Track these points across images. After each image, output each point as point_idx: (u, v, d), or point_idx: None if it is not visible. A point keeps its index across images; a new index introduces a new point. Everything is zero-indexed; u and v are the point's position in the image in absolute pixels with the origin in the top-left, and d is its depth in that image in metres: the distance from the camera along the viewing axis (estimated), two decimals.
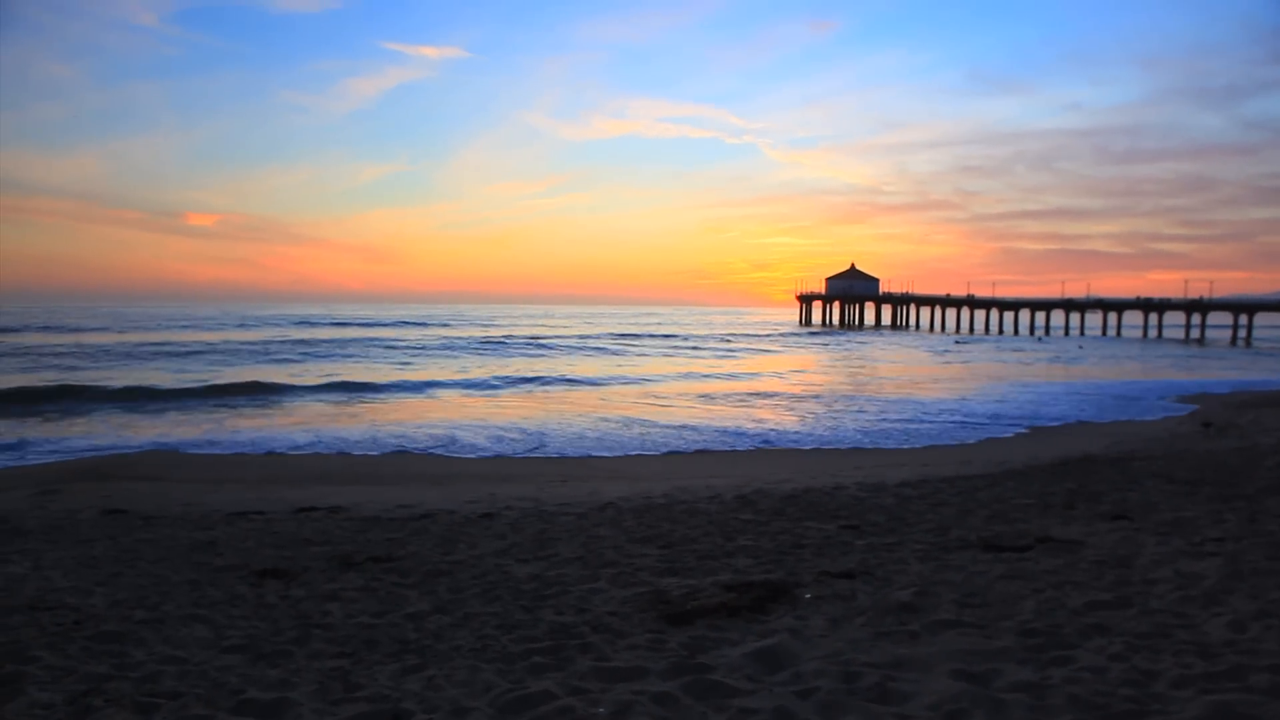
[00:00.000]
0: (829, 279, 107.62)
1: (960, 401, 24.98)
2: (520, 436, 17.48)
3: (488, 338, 62.30)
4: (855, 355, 51.18)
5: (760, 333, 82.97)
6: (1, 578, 6.42)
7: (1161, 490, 9.81)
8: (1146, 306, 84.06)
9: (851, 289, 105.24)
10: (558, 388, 29.11)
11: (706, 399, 25.85)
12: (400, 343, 54.64)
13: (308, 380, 29.64)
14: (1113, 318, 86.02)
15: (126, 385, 26.70)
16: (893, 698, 3.99)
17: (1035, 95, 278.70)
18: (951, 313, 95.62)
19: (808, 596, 5.68)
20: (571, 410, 22.42)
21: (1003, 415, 21.81)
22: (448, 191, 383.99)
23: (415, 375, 33.19)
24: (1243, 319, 77.50)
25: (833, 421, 20.30)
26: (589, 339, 64.29)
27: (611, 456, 15.43)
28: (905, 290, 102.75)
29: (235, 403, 23.76)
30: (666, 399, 25.50)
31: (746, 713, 3.87)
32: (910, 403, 24.52)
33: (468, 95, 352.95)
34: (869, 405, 23.91)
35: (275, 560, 7.03)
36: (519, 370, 35.32)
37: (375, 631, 5.17)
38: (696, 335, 74.75)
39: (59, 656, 4.69)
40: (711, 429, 18.78)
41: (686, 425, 19.20)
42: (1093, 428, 19.44)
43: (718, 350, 54.97)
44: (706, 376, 34.33)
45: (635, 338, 68.87)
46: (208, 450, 15.55)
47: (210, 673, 4.49)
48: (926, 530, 7.90)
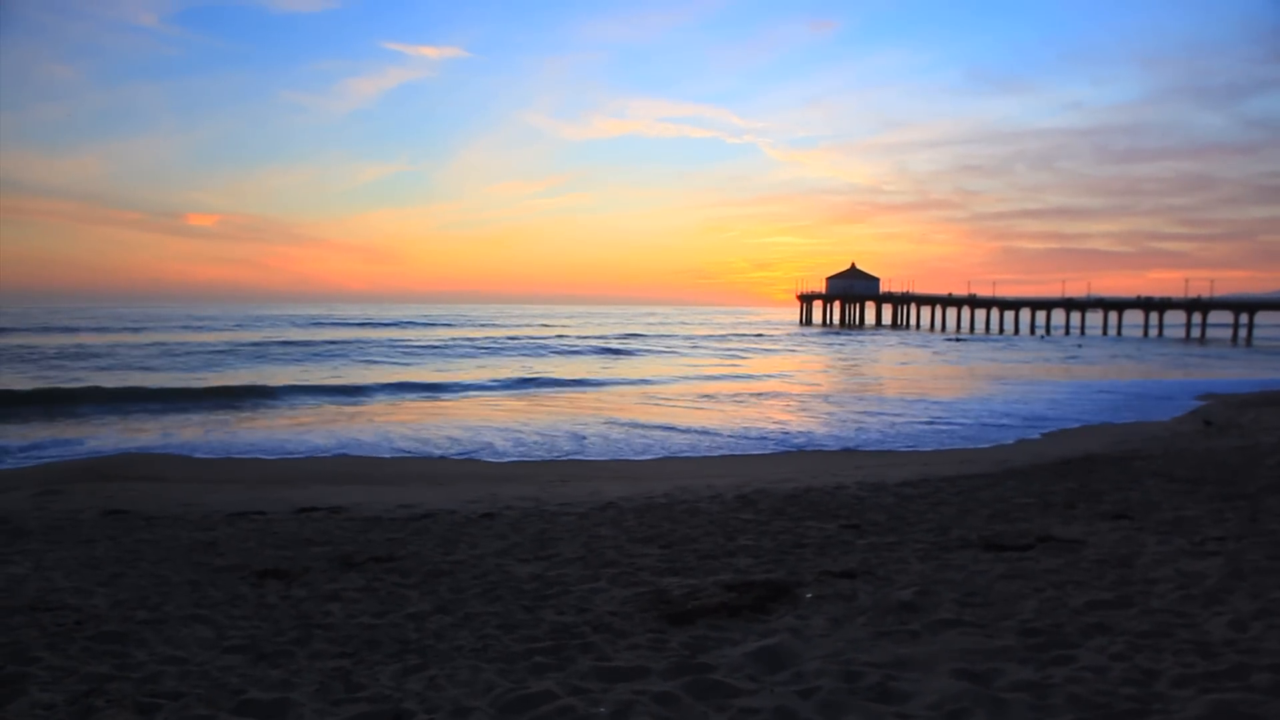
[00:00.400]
0: (829, 278, 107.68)
1: (982, 402, 24.30)
2: (539, 439, 17.38)
3: (490, 338, 62.26)
4: (861, 355, 51.01)
5: (764, 332, 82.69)
6: (3, 578, 6.42)
7: (1163, 489, 9.81)
8: (1147, 306, 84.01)
9: (852, 288, 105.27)
10: (566, 390, 28.83)
11: (717, 399, 25.71)
12: (402, 343, 54.61)
13: (308, 380, 29.66)
14: (1113, 317, 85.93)
15: (127, 386, 26.70)
16: (894, 697, 3.99)
17: (1035, 94, 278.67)
18: (952, 312, 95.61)
19: (809, 596, 5.68)
20: (578, 413, 22.35)
21: (1031, 416, 20.97)
22: (448, 192, 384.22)
23: (417, 376, 33.18)
24: (1243, 318, 77.51)
25: (857, 423, 19.60)
26: (589, 339, 64.19)
27: (617, 460, 15.41)
28: (905, 290, 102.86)
29: (235, 404, 23.74)
30: (684, 402, 24.98)
31: (748, 712, 3.87)
32: (927, 403, 23.91)
33: (468, 95, 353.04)
34: (888, 407, 23.16)
35: (276, 560, 7.04)
36: (533, 372, 35.06)
37: (376, 631, 5.17)
38: (700, 336, 74.55)
39: (60, 657, 4.69)
40: (728, 433, 18.25)
41: (706, 430, 18.72)
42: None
43: (723, 351, 54.67)
44: (716, 378, 34.09)
45: (639, 337, 68.69)
46: (207, 451, 15.55)
47: (211, 673, 4.49)
48: (927, 530, 7.91)
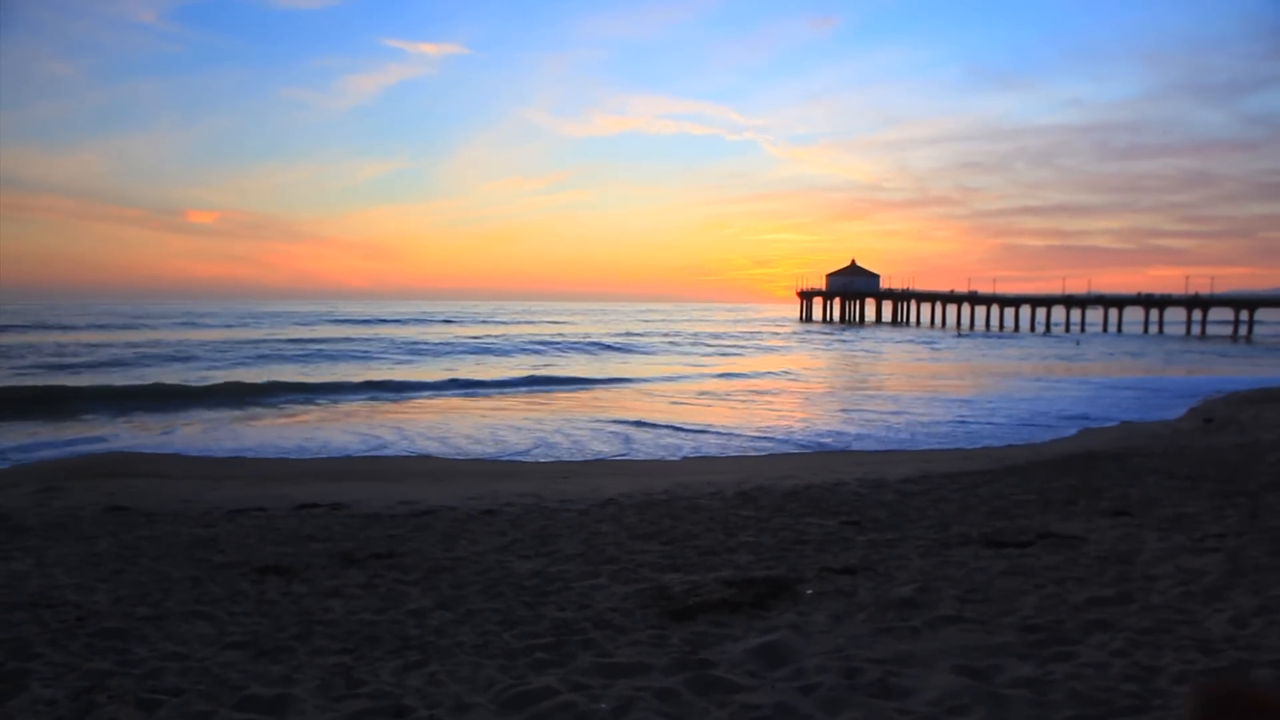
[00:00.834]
0: (829, 275, 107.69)
1: (1006, 399, 23.72)
2: (540, 437, 17.40)
3: (489, 335, 62.19)
4: (866, 352, 50.70)
5: (764, 329, 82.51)
6: (4, 575, 6.43)
7: (1163, 486, 9.82)
8: (1147, 302, 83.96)
9: (852, 285, 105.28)
10: (568, 389, 28.53)
11: (718, 396, 25.66)
12: (402, 341, 54.56)
13: (307, 379, 29.63)
14: (1113, 314, 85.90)
15: (127, 384, 26.69)
16: (894, 693, 4.00)
17: (1036, 91, 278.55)
18: (952, 309, 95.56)
19: (809, 592, 5.69)
20: (579, 411, 22.32)
21: (1064, 415, 20.11)
22: (449, 188, 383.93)
23: (417, 375, 33.17)
24: (1244, 314, 77.50)
25: (883, 423, 18.83)
26: (590, 336, 64.10)
27: (618, 457, 15.40)
28: (906, 286, 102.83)
29: (235, 402, 23.69)
30: (686, 400, 24.72)
31: (748, 708, 3.88)
32: (947, 401, 23.42)
33: (468, 92, 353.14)
34: (911, 406, 22.33)
35: (277, 557, 7.04)
36: (534, 369, 34.84)
37: (377, 628, 5.18)
38: (701, 333, 74.34)
39: (62, 653, 4.70)
40: (735, 431, 17.77)
41: (708, 428, 18.34)
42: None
43: (724, 348, 54.38)
44: (719, 375, 33.96)
45: (640, 335, 68.32)
46: (209, 448, 15.55)
47: (212, 669, 4.49)
48: (928, 526, 7.91)
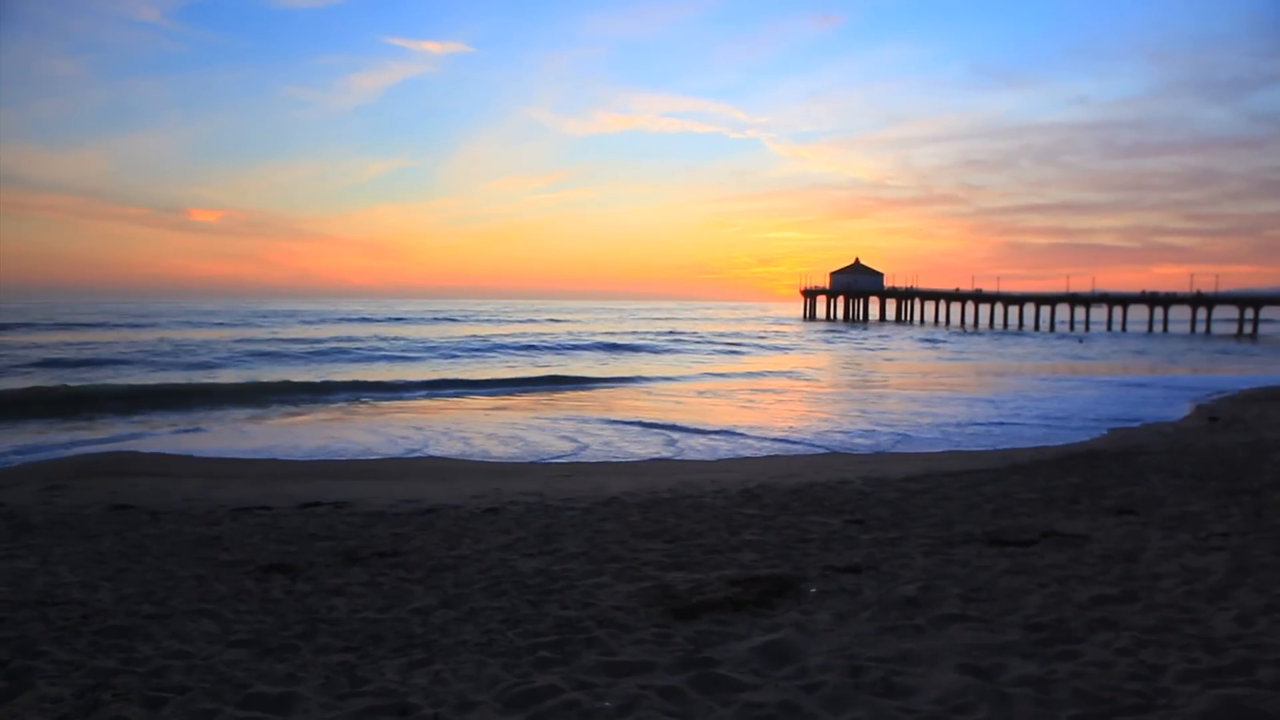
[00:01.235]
0: (833, 273, 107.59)
1: (1028, 399, 23.32)
2: (543, 436, 17.43)
3: (493, 335, 62.15)
4: (874, 350, 50.36)
5: (769, 329, 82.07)
6: (9, 573, 6.45)
7: (1167, 485, 9.80)
8: (1152, 301, 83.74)
9: (855, 283, 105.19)
10: (573, 389, 28.20)
11: (727, 396, 25.61)
12: (405, 340, 54.55)
13: (311, 377, 29.68)
14: (1118, 312, 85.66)
15: (131, 383, 26.74)
16: (898, 692, 4.00)
17: (1040, 89, 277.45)
18: (956, 307, 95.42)
19: (813, 591, 5.68)
20: (584, 410, 22.32)
21: (1093, 416, 19.57)
22: (452, 187, 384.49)
23: (419, 374, 33.18)
24: (1249, 313, 77.29)
25: (909, 424, 18.34)
26: (594, 335, 63.89)
27: (622, 457, 15.39)
28: (909, 285, 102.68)
29: (243, 401, 23.71)
30: (692, 400, 24.45)
31: (753, 707, 3.88)
32: (963, 401, 23.01)
33: (471, 90, 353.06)
34: (932, 406, 21.78)
35: (281, 555, 7.06)
36: (539, 369, 34.68)
37: (381, 626, 5.18)
38: (705, 331, 73.93)
39: (67, 651, 4.71)
40: (748, 432, 17.32)
41: (715, 429, 17.91)
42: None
43: (728, 347, 54.07)
44: (723, 375, 33.79)
45: (643, 334, 67.57)
46: (212, 447, 15.58)
47: (217, 667, 4.50)
48: (931, 525, 7.90)
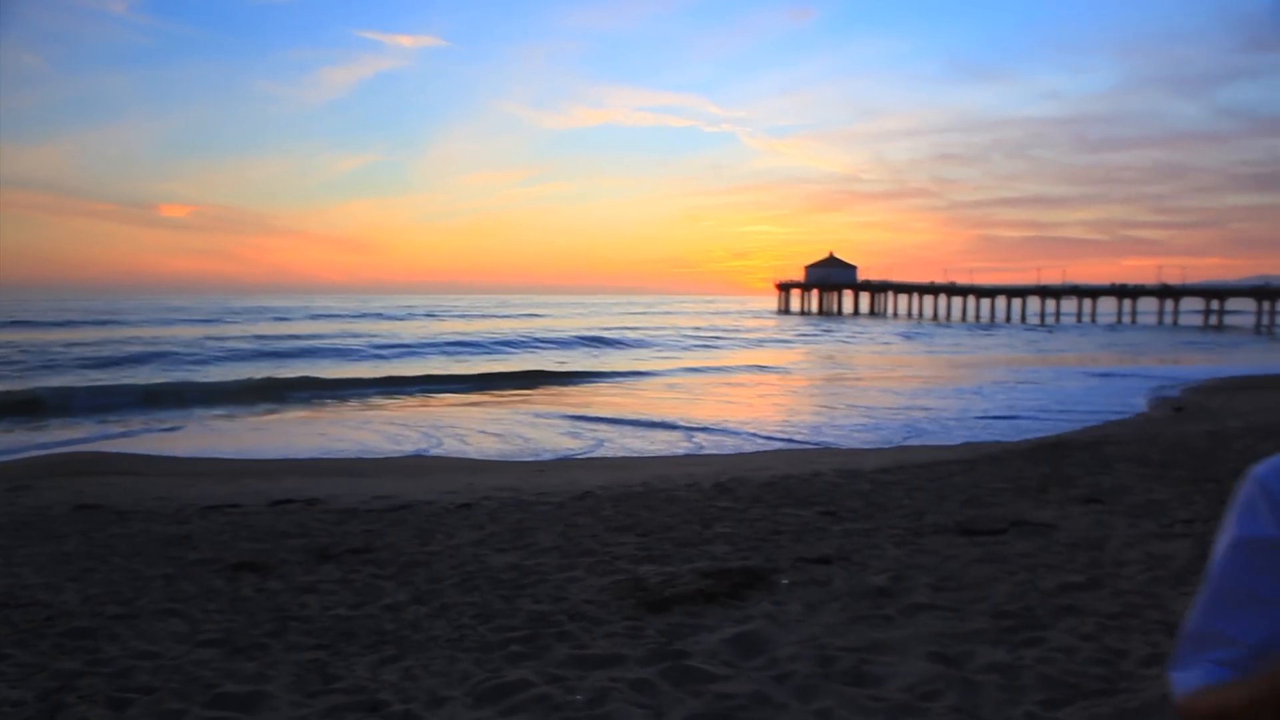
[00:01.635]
0: (808, 267, 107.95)
1: (1022, 391, 23.04)
2: (518, 432, 17.39)
3: (467, 331, 61.75)
4: (849, 344, 50.30)
5: (743, 322, 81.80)
6: None
7: (1134, 474, 9.94)
8: (1121, 292, 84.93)
9: (829, 277, 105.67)
10: (551, 385, 27.79)
11: (701, 391, 25.59)
12: (380, 336, 54.06)
13: (288, 373, 29.36)
14: (1088, 304, 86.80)
15: (100, 383, 26.28)
16: (868, 680, 4.04)
17: (1013, 83, 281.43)
18: (929, 300, 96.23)
19: (785, 582, 5.72)
20: (557, 406, 22.30)
21: (1088, 407, 19.29)
22: (426, 182, 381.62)
23: (400, 370, 32.98)
24: (1214, 304, 78.57)
25: (910, 419, 18.02)
26: (568, 330, 63.42)
27: (597, 451, 15.41)
28: (883, 278, 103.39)
29: (211, 399, 23.40)
30: (671, 395, 24.35)
31: (724, 697, 3.90)
32: (953, 392, 22.95)
33: (445, 84, 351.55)
34: (926, 400, 21.52)
35: (251, 553, 6.98)
36: (514, 365, 34.22)
37: (352, 623, 5.15)
38: (681, 325, 73.15)
39: (30, 653, 4.64)
40: (724, 427, 17.22)
41: (697, 423, 17.70)
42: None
43: (703, 341, 53.98)
44: (699, 370, 33.67)
45: (619, 329, 65.77)
46: (181, 446, 15.39)
47: (185, 667, 4.45)
48: (902, 515, 7.97)
